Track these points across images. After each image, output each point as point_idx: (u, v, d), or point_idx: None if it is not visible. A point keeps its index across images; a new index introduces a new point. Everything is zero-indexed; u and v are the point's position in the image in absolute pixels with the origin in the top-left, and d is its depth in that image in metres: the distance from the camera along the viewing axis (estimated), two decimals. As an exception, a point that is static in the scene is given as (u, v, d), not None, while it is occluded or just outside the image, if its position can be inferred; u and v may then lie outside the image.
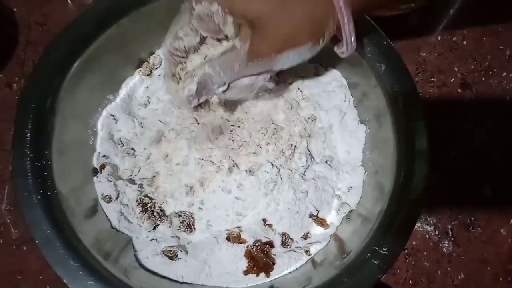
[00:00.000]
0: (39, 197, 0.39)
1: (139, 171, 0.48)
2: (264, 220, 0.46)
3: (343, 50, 0.37)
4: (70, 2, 0.60)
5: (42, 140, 0.41)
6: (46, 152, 0.41)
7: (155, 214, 0.46)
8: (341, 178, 0.48)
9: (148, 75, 0.51)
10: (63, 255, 0.38)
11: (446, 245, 0.50)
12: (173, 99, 0.43)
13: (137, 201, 0.46)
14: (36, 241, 0.38)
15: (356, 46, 0.36)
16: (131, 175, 0.48)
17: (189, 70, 0.38)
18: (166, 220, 0.46)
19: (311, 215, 0.46)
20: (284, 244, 0.46)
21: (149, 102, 0.51)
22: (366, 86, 0.46)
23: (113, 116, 0.49)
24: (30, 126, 0.41)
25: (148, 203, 0.46)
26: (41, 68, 0.43)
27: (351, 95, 0.49)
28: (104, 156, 0.48)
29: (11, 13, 0.58)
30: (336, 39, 0.36)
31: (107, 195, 0.46)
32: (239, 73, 0.37)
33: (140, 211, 0.46)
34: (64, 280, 0.37)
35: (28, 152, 0.40)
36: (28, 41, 0.57)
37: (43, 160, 0.40)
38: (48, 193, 0.39)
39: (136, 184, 0.47)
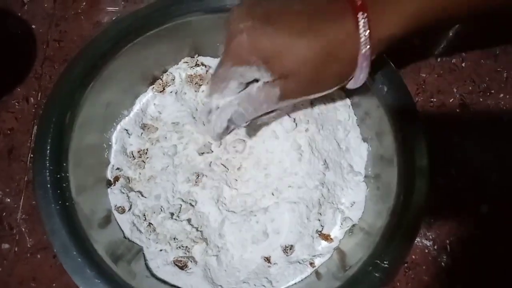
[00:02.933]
0: (58, 207, 0.41)
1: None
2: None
3: (350, 84, 0.39)
4: (85, 20, 0.62)
5: (61, 153, 0.43)
6: (64, 164, 0.43)
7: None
8: (345, 193, 0.49)
9: (161, 91, 0.54)
10: (80, 263, 0.39)
11: (445, 259, 0.51)
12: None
13: (144, 215, 0.49)
14: (55, 249, 0.40)
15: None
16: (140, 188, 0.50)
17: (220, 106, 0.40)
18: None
19: (317, 231, 0.48)
20: (285, 252, 0.47)
21: (161, 118, 0.53)
22: (369, 105, 0.48)
23: (126, 130, 0.52)
24: (50, 140, 0.43)
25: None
26: (61, 85, 0.45)
27: (354, 114, 0.52)
28: (117, 168, 0.50)
29: (30, 30, 0.61)
30: None
31: (120, 206, 0.48)
32: (267, 110, 0.39)
33: (147, 225, 0.48)
34: None
35: (48, 165, 0.42)
36: (46, 57, 0.59)
37: (62, 172, 0.42)
38: (66, 203, 0.41)
39: (144, 197, 0.49)
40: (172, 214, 0.48)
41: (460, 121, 0.58)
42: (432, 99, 0.58)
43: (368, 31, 0.33)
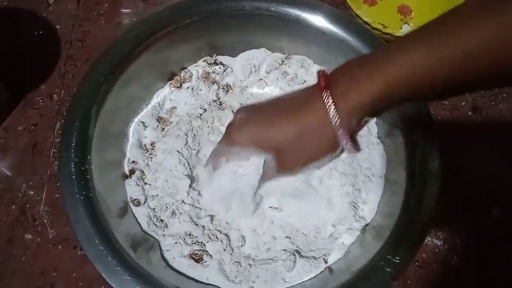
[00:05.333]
0: (82, 198, 0.43)
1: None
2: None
3: (349, 151, 0.43)
4: (107, 21, 0.65)
5: (86, 146, 0.45)
6: (88, 157, 0.45)
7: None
8: (361, 195, 0.50)
9: (178, 87, 0.56)
10: (102, 251, 0.41)
11: (455, 259, 0.52)
12: None
13: (155, 210, 0.50)
14: (78, 238, 0.41)
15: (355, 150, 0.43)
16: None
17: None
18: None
19: (331, 234, 0.49)
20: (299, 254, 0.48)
21: (176, 112, 0.55)
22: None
23: (143, 123, 0.54)
24: (75, 134, 0.45)
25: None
26: (87, 82, 0.47)
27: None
28: (133, 162, 0.52)
29: (54, 30, 0.64)
30: None
31: (135, 199, 0.49)
32: (270, 179, 0.45)
33: (159, 221, 0.49)
34: (102, 275, 0.40)
35: (73, 157, 0.44)
36: (69, 56, 0.62)
37: (86, 165, 0.44)
38: (90, 194, 0.43)
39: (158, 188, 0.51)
40: (180, 212, 0.49)
41: (472, 125, 0.59)
42: (444, 102, 0.59)
43: (333, 106, 0.37)
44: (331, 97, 0.38)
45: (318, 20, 0.51)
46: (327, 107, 0.38)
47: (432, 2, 0.62)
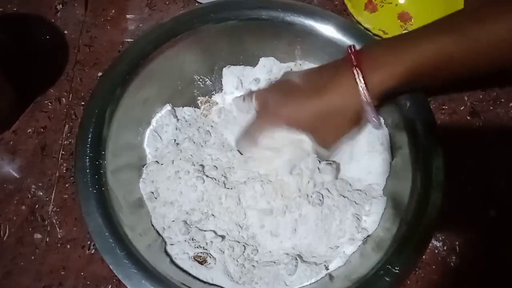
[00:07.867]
0: (95, 191, 0.44)
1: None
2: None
3: (374, 126, 0.47)
4: (114, 26, 0.66)
5: (100, 142, 0.47)
6: (103, 153, 0.46)
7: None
8: (364, 206, 0.51)
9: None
10: (111, 244, 0.42)
11: (454, 259, 0.53)
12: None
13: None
14: (89, 229, 0.43)
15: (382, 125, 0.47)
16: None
17: None
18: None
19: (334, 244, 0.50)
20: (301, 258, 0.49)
21: (186, 118, 0.57)
22: (390, 119, 0.51)
23: (157, 126, 0.55)
24: (91, 129, 0.47)
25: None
26: (103, 83, 0.50)
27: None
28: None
29: (62, 36, 0.65)
30: None
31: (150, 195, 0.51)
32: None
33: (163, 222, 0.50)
34: (110, 266, 0.42)
35: (88, 151, 0.46)
36: (77, 61, 0.63)
37: (100, 160, 0.46)
38: (102, 188, 0.45)
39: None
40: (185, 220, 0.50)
41: (470, 128, 0.60)
42: (444, 107, 0.60)
43: (365, 85, 0.40)
44: (362, 76, 0.39)
45: (329, 30, 0.53)
46: (359, 85, 0.39)
47: (432, 9, 0.63)
